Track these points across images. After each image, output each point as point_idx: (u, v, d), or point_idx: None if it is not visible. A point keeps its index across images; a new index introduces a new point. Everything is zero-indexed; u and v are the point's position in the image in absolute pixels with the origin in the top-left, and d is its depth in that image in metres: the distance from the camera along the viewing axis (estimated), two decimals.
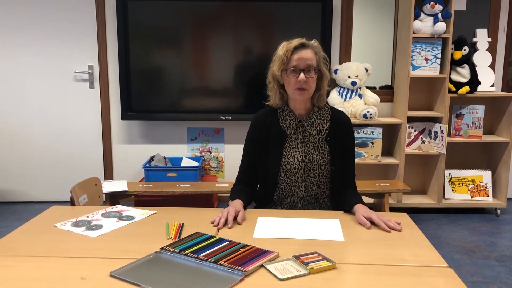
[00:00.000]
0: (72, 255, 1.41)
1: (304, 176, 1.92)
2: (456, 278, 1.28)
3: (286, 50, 1.81)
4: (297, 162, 1.91)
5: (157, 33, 3.78)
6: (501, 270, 2.83)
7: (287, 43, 1.84)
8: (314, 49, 1.85)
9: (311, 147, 1.92)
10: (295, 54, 1.81)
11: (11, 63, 3.93)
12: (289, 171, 1.92)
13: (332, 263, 1.32)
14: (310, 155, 1.91)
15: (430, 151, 3.75)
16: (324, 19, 3.73)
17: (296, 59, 1.81)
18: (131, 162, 4.07)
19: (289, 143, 1.92)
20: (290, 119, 1.93)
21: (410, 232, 1.63)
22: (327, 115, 1.94)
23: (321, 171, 1.92)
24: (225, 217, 1.68)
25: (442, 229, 3.52)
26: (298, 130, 1.92)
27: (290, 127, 1.93)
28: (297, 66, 1.81)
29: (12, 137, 4.04)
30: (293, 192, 1.95)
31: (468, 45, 3.68)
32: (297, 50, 1.81)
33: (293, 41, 1.84)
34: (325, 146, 1.92)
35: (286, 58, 1.81)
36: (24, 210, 3.93)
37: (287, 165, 1.91)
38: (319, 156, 1.91)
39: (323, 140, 1.92)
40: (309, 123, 1.92)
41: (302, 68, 1.81)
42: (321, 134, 1.92)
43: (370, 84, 4.00)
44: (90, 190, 2.23)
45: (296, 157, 1.91)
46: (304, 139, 1.92)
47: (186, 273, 1.28)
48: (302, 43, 1.83)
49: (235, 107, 3.89)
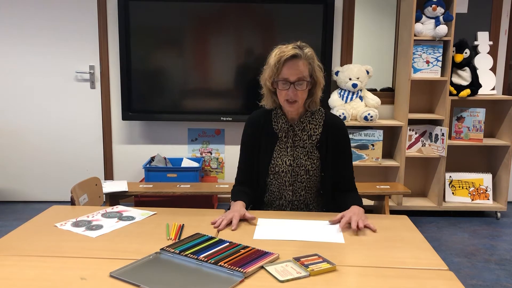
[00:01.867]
0: (72, 255, 1.41)
1: (292, 180, 1.91)
2: (456, 281, 1.28)
3: (277, 61, 1.76)
4: (285, 166, 1.90)
5: (158, 34, 3.79)
6: (501, 273, 2.82)
7: (280, 51, 1.78)
8: (308, 59, 1.79)
9: (300, 151, 1.90)
10: (286, 66, 1.76)
11: (12, 63, 3.93)
12: (277, 174, 1.91)
13: (332, 265, 1.32)
14: (298, 159, 1.89)
15: (430, 153, 3.75)
16: (326, 21, 3.73)
17: (287, 72, 1.76)
18: (131, 162, 4.07)
19: (279, 146, 1.91)
20: (282, 122, 1.91)
21: (410, 234, 1.63)
22: (320, 120, 1.91)
23: (309, 177, 1.90)
24: (228, 219, 1.67)
25: (442, 232, 3.51)
26: (289, 134, 1.91)
27: (281, 130, 1.91)
28: (287, 79, 1.77)
29: (12, 136, 4.04)
30: (281, 195, 1.94)
31: (469, 48, 3.68)
32: (289, 61, 1.75)
33: (286, 50, 1.76)
34: (315, 152, 1.90)
35: (276, 69, 1.77)
36: (24, 210, 3.93)
37: (275, 167, 1.91)
38: (308, 162, 1.89)
39: (314, 146, 1.90)
40: (300, 127, 1.90)
41: (292, 81, 1.76)
42: (312, 139, 1.90)
43: (371, 86, 4.00)
44: (90, 190, 2.23)
45: (284, 161, 1.90)
46: (294, 143, 1.90)
47: (186, 274, 1.28)
48: (294, 54, 1.75)
49: (235, 108, 3.89)
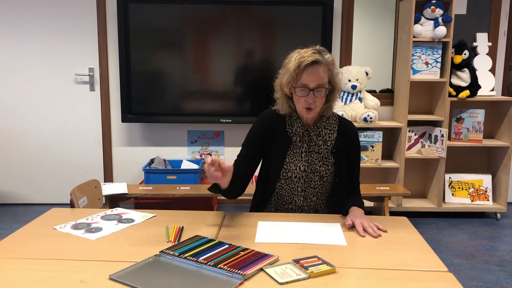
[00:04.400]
0: (72, 257, 1.41)
1: (304, 186, 1.88)
2: (456, 282, 1.28)
3: (297, 66, 1.70)
4: (299, 171, 1.86)
5: (157, 36, 3.79)
6: (501, 274, 2.82)
7: (300, 56, 1.72)
8: (328, 65, 1.74)
9: (315, 157, 1.86)
10: (306, 72, 1.71)
11: (12, 65, 3.93)
12: (289, 179, 1.88)
13: (331, 267, 1.32)
14: (313, 165, 1.86)
15: (430, 155, 3.75)
16: (325, 22, 3.74)
17: (307, 78, 1.71)
18: (131, 164, 4.07)
19: (293, 151, 1.86)
20: (297, 126, 1.86)
21: (410, 236, 1.63)
22: (335, 124, 1.89)
23: (323, 183, 1.89)
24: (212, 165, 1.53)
25: (442, 233, 3.51)
26: (304, 138, 1.86)
27: (296, 134, 1.86)
28: (307, 85, 1.72)
29: (12, 139, 4.03)
30: (291, 200, 1.91)
31: (468, 49, 3.68)
32: (309, 67, 1.70)
33: (306, 55, 1.71)
34: (330, 158, 1.87)
35: (296, 75, 1.71)
36: (24, 212, 3.93)
37: (288, 172, 1.87)
38: (322, 168, 1.87)
39: (329, 152, 1.87)
40: (316, 132, 1.86)
41: (312, 87, 1.72)
42: (327, 145, 1.87)
43: (370, 88, 4.00)
44: (90, 192, 2.23)
45: (298, 166, 1.86)
46: (309, 149, 1.86)
47: (185, 277, 1.28)
48: (315, 60, 1.70)
49: (235, 110, 3.89)
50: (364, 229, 1.64)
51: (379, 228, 1.66)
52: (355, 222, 1.67)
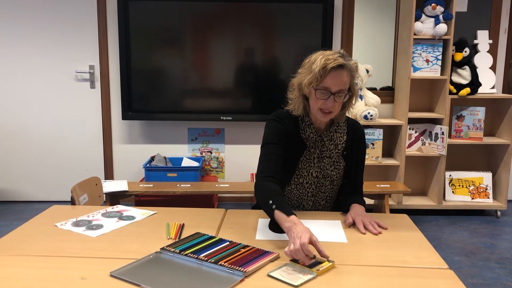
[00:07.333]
0: (72, 254, 1.41)
1: (315, 191, 1.87)
2: (457, 280, 1.28)
3: (323, 68, 1.64)
4: (311, 177, 1.83)
5: (158, 34, 3.78)
6: (501, 272, 2.82)
7: (325, 57, 1.65)
8: (351, 71, 1.69)
9: (327, 162, 1.83)
10: (330, 75, 1.65)
11: (12, 62, 3.93)
12: (300, 185, 1.85)
13: (331, 262, 1.34)
14: (325, 170, 1.83)
15: (430, 152, 3.75)
16: (325, 20, 3.73)
17: (330, 81, 1.66)
18: (131, 162, 4.07)
19: (306, 156, 1.82)
20: (310, 131, 1.81)
21: (410, 233, 1.63)
22: (344, 127, 1.86)
23: (333, 187, 1.88)
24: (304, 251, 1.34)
25: (442, 231, 3.51)
26: (317, 144, 1.82)
27: (309, 140, 1.81)
28: (329, 89, 1.67)
29: (12, 136, 4.04)
30: (299, 205, 1.90)
31: (469, 46, 3.68)
32: (334, 70, 1.64)
33: (332, 57, 1.65)
34: (341, 161, 1.85)
35: (319, 76, 1.65)
36: (25, 210, 3.93)
37: (299, 178, 1.83)
38: (334, 172, 1.84)
39: (340, 155, 1.85)
40: (328, 137, 1.83)
41: (333, 92, 1.67)
42: (338, 148, 1.84)
43: (371, 85, 4.00)
44: (90, 189, 2.24)
45: (311, 172, 1.83)
46: (321, 154, 1.82)
47: (186, 274, 1.28)
48: (341, 64, 1.65)
49: (235, 107, 3.89)
50: (365, 226, 1.64)
51: (379, 225, 1.66)
52: (356, 219, 1.67)
